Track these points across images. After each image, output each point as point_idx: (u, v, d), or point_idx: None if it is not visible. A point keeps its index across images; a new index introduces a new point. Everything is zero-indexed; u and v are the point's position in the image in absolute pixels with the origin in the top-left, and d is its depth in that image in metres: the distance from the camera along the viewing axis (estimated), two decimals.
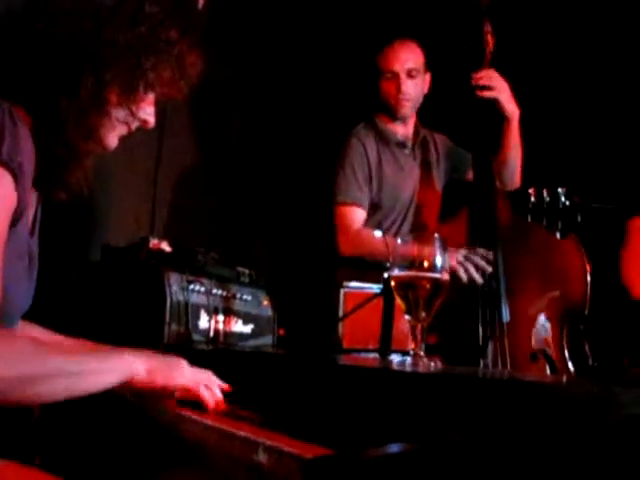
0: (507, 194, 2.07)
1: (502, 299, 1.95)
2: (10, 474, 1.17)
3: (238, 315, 1.98)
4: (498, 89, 2.05)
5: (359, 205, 2.16)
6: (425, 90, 2.24)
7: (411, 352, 1.21)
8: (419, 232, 2.05)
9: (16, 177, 0.98)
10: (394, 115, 2.23)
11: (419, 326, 1.20)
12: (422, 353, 1.20)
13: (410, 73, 2.17)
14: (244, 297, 2.00)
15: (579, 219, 1.61)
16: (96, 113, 1.11)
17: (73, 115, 1.08)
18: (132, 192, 2.44)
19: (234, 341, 1.96)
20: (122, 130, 1.17)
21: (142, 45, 1.12)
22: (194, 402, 1.04)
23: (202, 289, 1.86)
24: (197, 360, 1.15)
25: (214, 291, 1.91)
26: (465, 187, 2.19)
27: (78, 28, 1.09)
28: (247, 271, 2.11)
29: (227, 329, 1.93)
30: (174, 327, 1.78)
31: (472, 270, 1.90)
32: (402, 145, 2.26)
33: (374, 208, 2.19)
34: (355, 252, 2.10)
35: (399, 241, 1.29)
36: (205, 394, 1.05)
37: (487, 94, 2.04)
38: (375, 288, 1.57)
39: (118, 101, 1.12)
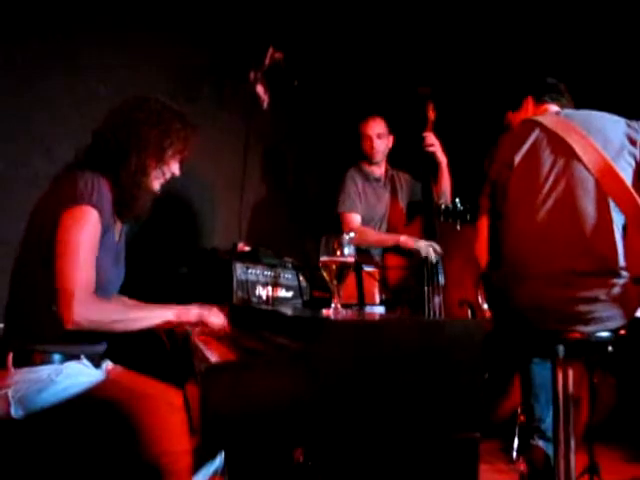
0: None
1: (439, 270, 3.24)
2: (123, 375, 1.88)
3: (282, 286, 3.26)
4: (434, 146, 3.38)
5: (356, 212, 3.46)
6: (389, 145, 3.55)
7: (333, 305, 1.71)
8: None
9: (100, 212, 1.69)
10: (371, 161, 3.54)
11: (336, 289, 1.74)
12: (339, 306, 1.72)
13: (379, 136, 3.50)
14: (286, 276, 3.29)
15: (468, 217, 2.89)
16: (142, 175, 1.81)
17: (130, 177, 1.78)
18: (228, 208, 3.63)
19: (279, 302, 3.24)
20: (161, 181, 1.90)
21: (162, 134, 1.83)
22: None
23: (257, 272, 3.16)
24: (250, 312, 2.24)
25: (265, 273, 3.20)
26: (419, 205, 3.52)
27: (130, 129, 1.79)
28: (290, 259, 3.39)
29: (274, 295, 3.22)
30: (239, 294, 3.06)
31: (430, 250, 3.19)
32: (377, 180, 3.58)
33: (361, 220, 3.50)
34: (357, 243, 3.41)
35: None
36: (215, 321, 1.83)
37: (429, 149, 3.38)
38: None
39: (154, 167, 1.84)
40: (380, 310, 3.37)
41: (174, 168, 1.91)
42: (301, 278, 3.29)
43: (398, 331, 1.31)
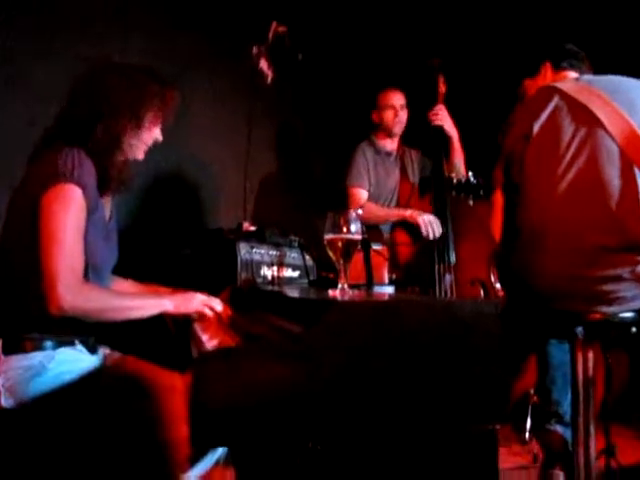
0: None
1: (450, 248, 3.13)
2: (121, 361, 1.77)
3: (288, 266, 3.17)
4: (440, 118, 3.25)
5: (363, 187, 3.35)
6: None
7: (339, 285, 1.66)
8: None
9: (84, 189, 1.56)
10: (390, 133, 3.41)
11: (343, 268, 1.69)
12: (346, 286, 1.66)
13: (402, 107, 3.38)
14: (292, 255, 3.18)
15: (482, 192, 2.76)
16: (118, 142, 1.69)
17: (104, 145, 1.65)
18: (233, 187, 3.51)
19: (285, 282, 3.14)
20: (143, 148, 1.78)
21: (136, 99, 1.70)
22: None
23: (262, 251, 3.06)
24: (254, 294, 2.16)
25: (270, 252, 3.10)
26: (429, 180, 3.39)
27: (101, 95, 1.67)
28: (296, 238, 3.29)
29: (280, 275, 3.12)
30: (244, 275, 2.97)
31: (429, 228, 3.08)
32: (389, 155, 3.46)
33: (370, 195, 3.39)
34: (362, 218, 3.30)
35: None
36: (217, 308, 1.75)
37: (435, 122, 3.25)
38: None
39: (132, 134, 1.71)
40: (389, 290, 3.28)
41: (156, 134, 1.80)
42: (307, 257, 3.20)
43: (408, 313, 1.21)
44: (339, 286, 1.66)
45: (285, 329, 1.35)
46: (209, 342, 1.55)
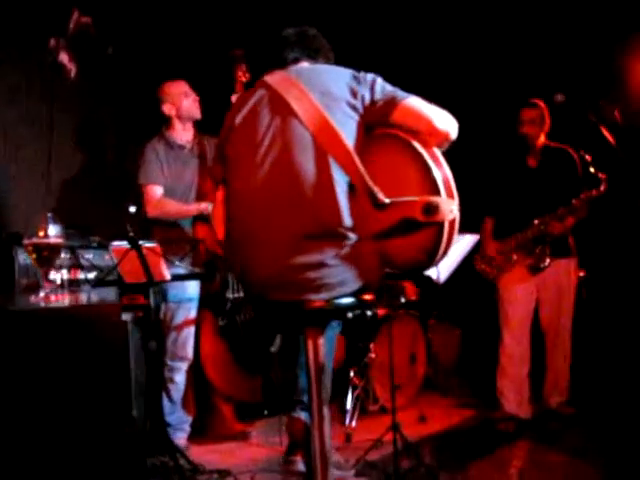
0: None
1: None
2: None
3: (83, 268, 3.07)
4: None
5: (157, 183, 3.24)
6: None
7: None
8: None
9: None
10: (195, 119, 3.33)
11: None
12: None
13: (188, 93, 3.32)
14: (88, 256, 3.08)
15: None
16: None
17: None
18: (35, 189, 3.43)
19: (81, 284, 3.04)
20: None
21: None
22: None
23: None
24: None
25: (62, 255, 3.00)
26: None
27: None
28: (97, 238, 3.18)
29: (74, 277, 3.02)
30: (25, 281, 2.84)
31: None
32: (182, 147, 3.33)
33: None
34: (158, 215, 3.23)
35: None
36: None
37: None
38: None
39: None
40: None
41: None
42: (107, 257, 3.11)
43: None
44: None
45: None
46: None
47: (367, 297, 1.88)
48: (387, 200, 1.68)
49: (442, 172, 1.68)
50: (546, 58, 4.37)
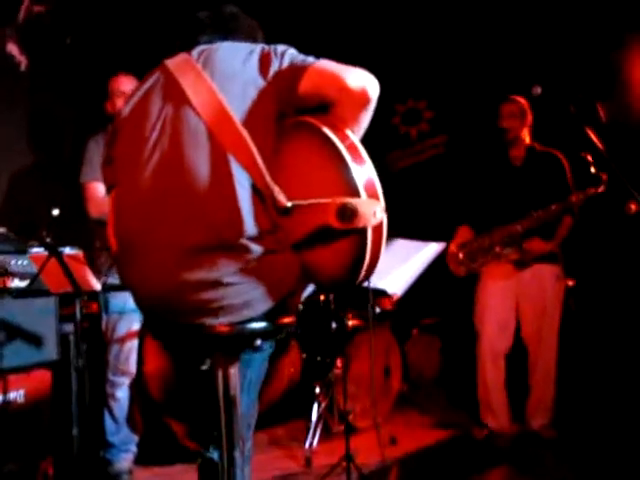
0: None
1: None
2: None
3: (15, 275, 2.83)
4: None
5: (99, 181, 2.90)
6: None
7: None
8: None
9: None
10: None
11: None
12: None
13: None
14: (22, 262, 2.84)
15: None
16: None
17: None
18: None
19: (12, 293, 2.79)
20: None
21: None
22: None
23: None
24: None
25: None
26: None
27: None
28: (36, 243, 2.93)
29: (3, 286, 2.77)
30: None
31: None
32: None
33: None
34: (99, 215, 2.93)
35: None
36: None
37: None
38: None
39: None
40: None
41: None
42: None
43: None
44: None
45: None
46: None
47: (286, 320, 1.61)
48: (289, 203, 1.41)
49: (362, 168, 1.38)
50: (531, 55, 4.13)
